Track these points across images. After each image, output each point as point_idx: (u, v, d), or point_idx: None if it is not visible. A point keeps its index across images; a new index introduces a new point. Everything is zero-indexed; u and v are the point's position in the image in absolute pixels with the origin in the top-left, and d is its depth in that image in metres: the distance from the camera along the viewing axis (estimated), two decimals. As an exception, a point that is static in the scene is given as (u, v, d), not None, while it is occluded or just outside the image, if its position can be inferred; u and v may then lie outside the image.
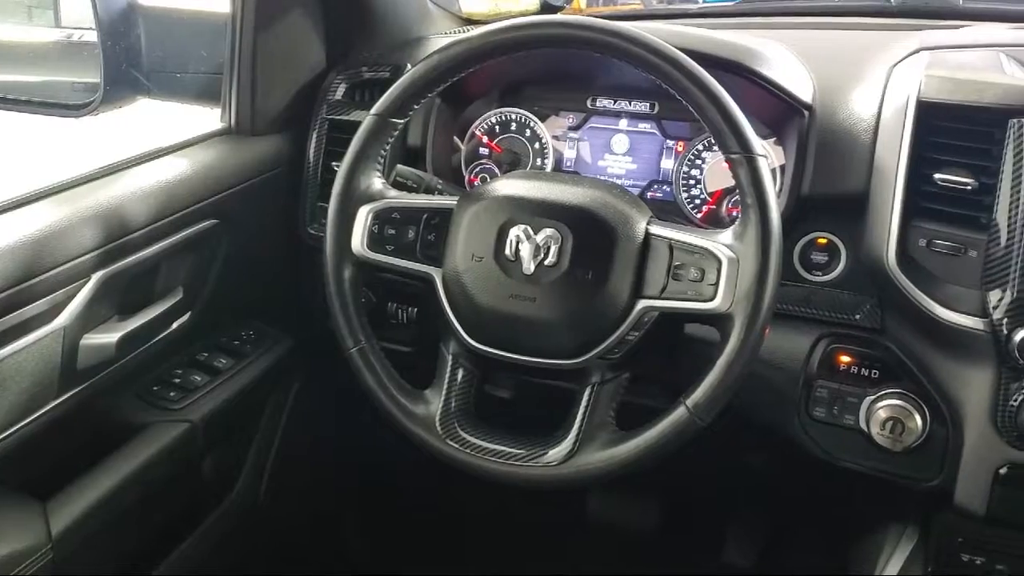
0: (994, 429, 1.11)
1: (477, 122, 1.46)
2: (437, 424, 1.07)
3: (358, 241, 1.09)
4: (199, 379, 1.37)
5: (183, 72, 1.52)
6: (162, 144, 1.34)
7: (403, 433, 1.09)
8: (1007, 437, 1.11)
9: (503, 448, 1.05)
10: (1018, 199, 1.05)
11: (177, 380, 1.36)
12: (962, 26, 1.39)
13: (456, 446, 1.07)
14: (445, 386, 1.09)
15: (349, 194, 1.10)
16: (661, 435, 1.00)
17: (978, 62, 1.18)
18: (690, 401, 0.99)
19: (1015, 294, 1.06)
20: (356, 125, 1.11)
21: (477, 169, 1.46)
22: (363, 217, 1.09)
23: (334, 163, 1.39)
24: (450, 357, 1.10)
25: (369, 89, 1.45)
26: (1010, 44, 1.23)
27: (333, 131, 1.44)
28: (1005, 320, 1.06)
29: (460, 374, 1.09)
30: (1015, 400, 1.09)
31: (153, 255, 1.23)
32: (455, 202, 1.09)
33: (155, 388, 1.35)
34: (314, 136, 1.44)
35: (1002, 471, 1.12)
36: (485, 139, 1.46)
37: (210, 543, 1.43)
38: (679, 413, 0.99)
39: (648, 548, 1.91)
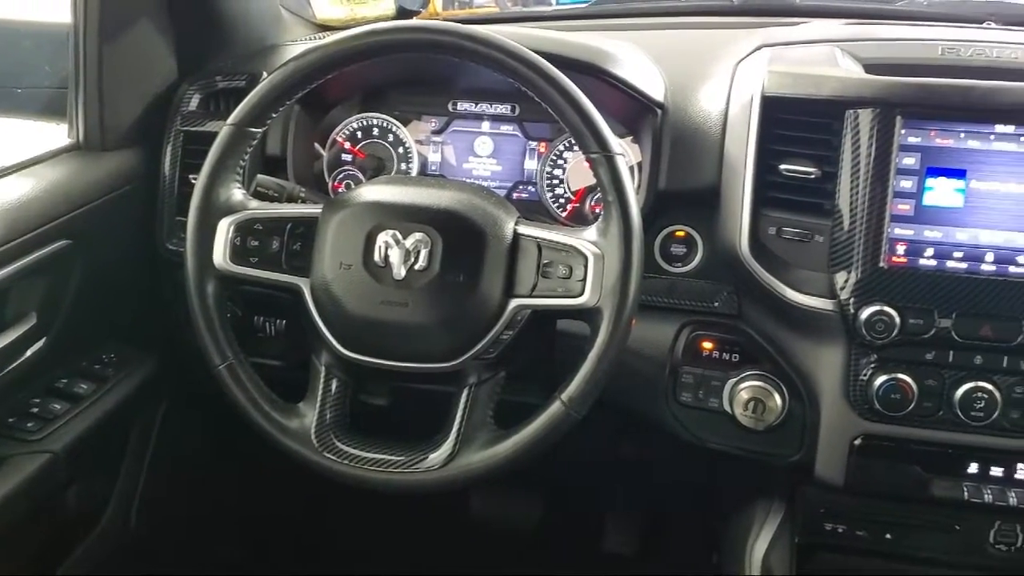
0: (847, 403, 1.18)
1: (338, 128, 1.44)
2: (313, 437, 1.06)
3: (220, 255, 1.07)
4: (59, 407, 1.31)
5: (24, 87, 1.45)
6: (5, 163, 1.27)
7: (278, 449, 1.07)
8: (859, 410, 1.18)
9: (382, 456, 1.05)
10: (857, 185, 1.13)
11: (35, 410, 1.30)
12: (800, 23, 1.46)
13: (333, 458, 1.06)
14: (319, 398, 1.08)
15: (208, 207, 1.07)
16: (539, 431, 1.02)
17: (816, 57, 1.24)
18: (565, 395, 1.01)
19: (859, 275, 1.13)
20: (212, 136, 1.09)
21: (341, 176, 1.45)
22: (224, 230, 1.07)
23: (191, 176, 1.35)
24: (322, 368, 1.09)
25: (224, 99, 1.41)
26: (844, 39, 1.30)
27: (189, 143, 1.39)
28: (852, 300, 1.13)
29: (334, 385, 1.08)
30: (865, 375, 1.16)
31: (1, 280, 1.17)
32: (320, 210, 1.08)
33: (11, 420, 1.27)
34: (169, 149, 1.40)
35: (857, 443, 1.19)
36: (347, 145, 1.44)
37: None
38: (555, 408, 1.02)
39: (532, 544, 1.93)
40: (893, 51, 1.26)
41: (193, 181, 1.10)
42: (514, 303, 1.03)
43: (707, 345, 1.28)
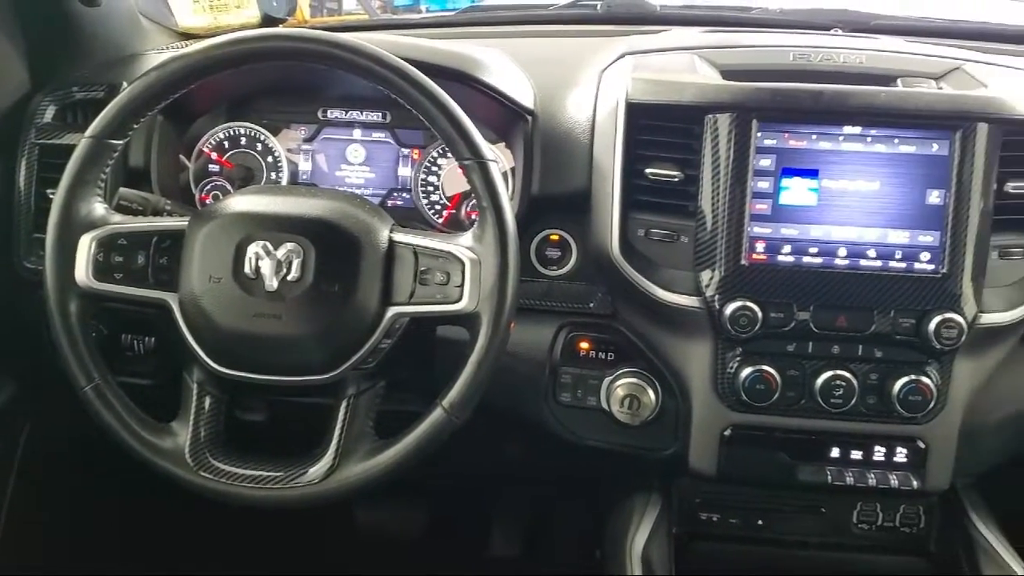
0: (716, 396, 1.23)
1: (204, 138, 1.41)
2: (187, 456, 1.04)
3: (82, 272, 1.03)
4: (-93, 439, 1.23)
5: None
6: None
7: (152, 470, 1.04)
8: (728, 402, 1.23)
9: (260, 473, 1.04)
10: (718, 187, 1.17)
11: None
12: (661, 31, 1.51)
13: (209, 477, 1.04)
14: (192, 416, 1.06)
15: (68, 223, 1.03)
16: (420, 439, 1.03)
17: (676, 64, 1.28)
18: (446, 402, 1.02)
19: (723, 272, 1.17)
20: (70, 149, 1.05)
21: (208, 187, 1.41)
22: (86, 246, 1.03)
23: (49, 191, 1.29)
24: (195, 385, 1.06)
25: (82, 110, 1.36)
26: (702, 46, 1.35)
27: (45, 156, 1.33)
28: (716, 296, 1.18)
29: (207, 402, 1.06)
30: (731, 368, 1.21)
31: None
32: (186, 222, 1.05)
33: None
34: (23, 163, 1.33)
35: (727, 433, 1.23)
36: (214, 155, 1.41)
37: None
38: (436, 415, 1.02)
39: (419, 550, 1.93)
40: (748, 58, 1.32)
41: (51, 196, 1.06)
42: (392, 311, 1.03)
43: (584, 345, 1.30)
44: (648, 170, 1.20)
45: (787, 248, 1.18)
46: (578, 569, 1.71)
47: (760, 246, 1.18)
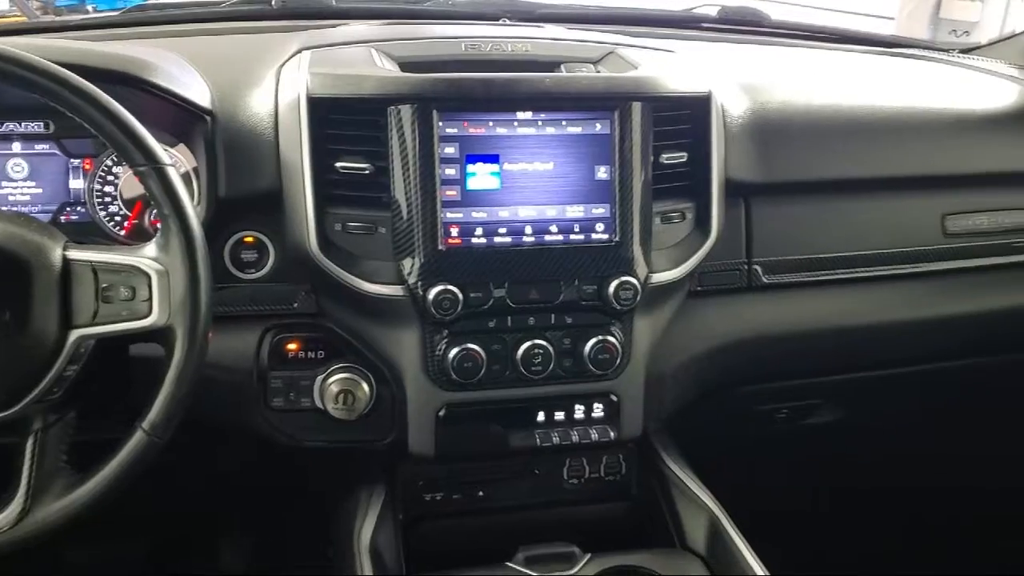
0: (428, 379, 1.27)
1: None
2: None
3: None
4: None
5: None
6: None
7: None
8: (439, 383, 1.27)
9: None
10: (409, 177, 1.20)
11: None
12: (338, 25, 1.52)
13: None
14: None
15: None
16: (122, 465, 0.98)
17: (354, 58, 1.29)
18: (146, 423, 0.98)
19: (422, 259, 1.21)
20: None
21: None
22: None
23: None
24: None
25: None
26: (380, 39, 1.37)
27: None
28: (419, 283, 1.21)
29: None
30: (440, 350, 1.25)
31: None
32: None
33: None
34: None
35: (441, 413, 1.28)
36: None
37: None
38: (137, 438, 0.98)
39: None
40: (424, 49, 1.35)
41: None
42: (74, 335, 0.97)
43: (292, 347, 1.29)
44: (338, 164, 1.20)
45: (479, 231, 1.23)
46: (311, 572, 1.70)
47: (454, 231, 1.22)
